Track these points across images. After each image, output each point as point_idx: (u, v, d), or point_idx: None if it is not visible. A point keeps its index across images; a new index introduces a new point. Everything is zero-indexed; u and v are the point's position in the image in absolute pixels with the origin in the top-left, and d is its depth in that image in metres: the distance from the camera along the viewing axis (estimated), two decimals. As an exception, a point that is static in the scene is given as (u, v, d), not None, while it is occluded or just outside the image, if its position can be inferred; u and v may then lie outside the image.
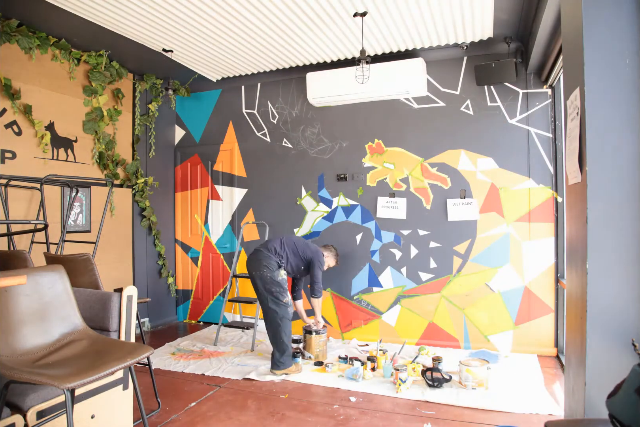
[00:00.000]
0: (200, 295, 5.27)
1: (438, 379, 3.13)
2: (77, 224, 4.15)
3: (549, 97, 3.90)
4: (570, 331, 2.08)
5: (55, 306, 2.04)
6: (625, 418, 1.01)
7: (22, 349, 1.84)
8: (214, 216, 5.22)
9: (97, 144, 4.33)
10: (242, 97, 5.08)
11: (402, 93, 4.21)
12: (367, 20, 3.49)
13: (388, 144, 4.41)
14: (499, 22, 3.58)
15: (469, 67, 4.13)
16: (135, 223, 4.80)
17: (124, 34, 3.76)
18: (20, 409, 1.83)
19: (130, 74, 4.72)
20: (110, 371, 1.71)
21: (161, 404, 2.89)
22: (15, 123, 3.61)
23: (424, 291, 4.26)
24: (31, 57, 3.69)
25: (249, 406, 2.93)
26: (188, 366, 3.68)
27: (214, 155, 5.21)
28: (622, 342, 1.66)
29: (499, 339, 4.00)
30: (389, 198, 4.38)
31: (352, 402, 2.97)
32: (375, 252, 4.44)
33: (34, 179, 3.47)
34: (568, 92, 2.05)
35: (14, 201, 3.56)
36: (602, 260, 1.72)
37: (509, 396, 2.96)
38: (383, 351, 3.68)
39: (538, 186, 3.92)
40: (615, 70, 1.71)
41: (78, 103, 4.16)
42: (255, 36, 3.82)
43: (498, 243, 4.02)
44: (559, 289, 3.82)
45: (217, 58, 4.38)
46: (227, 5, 3.22)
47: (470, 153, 4.12)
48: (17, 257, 2.66)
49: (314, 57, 4.38)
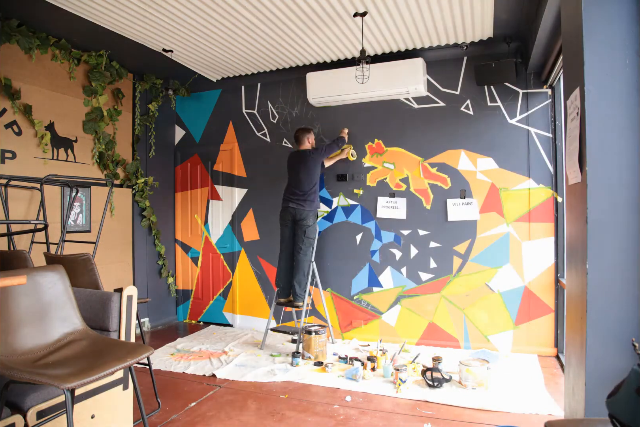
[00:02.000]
0: (200, 295, 5.27)
1: (438, 379, 3.13)
2: (77, 224, 4.15)
3: (549, 97, 3.90)
4: (570, 331, 2.08)
5: (55, 306, 2.04)
6: (625, 418, 1.01)
7: (22, 349, 1.84)
8: (214, 216, 5.22)
9: (97, 144, 4.33)
10: (242, 97, 5.08)
11: (402, 93, 4.21)
12: (367, 20, 3.49)
13: (388, 144, 4.41)
14: (499, 22, 3.58)
15: (469, 67, 4.13)
16: (135, 223, 4.81)
17: (124, 34, 3.76)
18: (20, 409, 1.83)
19: (130, 74, 4.72)
20: (110, 371, 1.71)
21: (161, 404, 2.89)
22: (15, 123, 3.61)
23: (424, 291, 4.26)
24: (31, 57, 3.69)
25: (249, 406, 2.93)
26: (188, 366, 3.68)
27: (214, 155, 5.21)
28: (622, 342, 1.66)
29: (499, 339, 4.00)
30: (389, 198, 4.38)
31: (352, 402, 2.97)
32: (375, 252, 4.44)
33: (34, 179, 3.47)
34: (568, 92, 2.05)
35: (14, 201, 3.56)
36: (602, 260, 1.72)
37: (509, 396, 2.96)
38: (383, 351, 3.69)
39: (538, 186, 3.92)
40: (615, 70, 1.71)
41: (78, 103, 4.16)
42: (255, 36, 3.82)
43: (498, 243, 4.02)
44: (559, 289, 3.82)
45: (217, 58, 4.38)
46: (227, 5, 3.22)
47: (470, 153, 4.12)
48: (17, 257, 2.66)
49: (314, 57, 4.38)
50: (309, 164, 4.15)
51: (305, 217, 4.13)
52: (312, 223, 4.18)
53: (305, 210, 4.13)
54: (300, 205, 4.14)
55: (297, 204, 4.15)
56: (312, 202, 4.19)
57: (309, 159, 4.15)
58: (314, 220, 4.22)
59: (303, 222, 4.13)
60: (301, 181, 4.16)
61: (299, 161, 4.21)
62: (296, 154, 4.28)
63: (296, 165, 4.22)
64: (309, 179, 4.16)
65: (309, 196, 4.16)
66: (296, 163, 4.22)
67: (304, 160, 4.17)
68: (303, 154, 4.21)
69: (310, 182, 4.17)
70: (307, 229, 4.15)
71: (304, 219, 4.13)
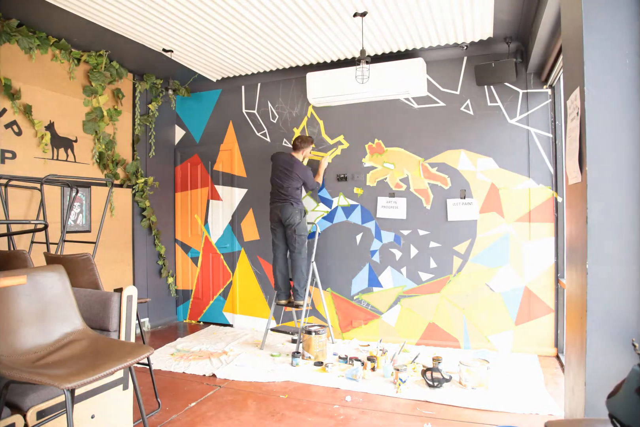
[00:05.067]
0: (200, 295, 5.27)
1: (438, 379, 3.13)
2: (77, 224, 4.15)
3: (549, 97, 3.90)
4: (570, 331, 2.08)
5: (55, 306, 2.04)
6: (625, 418, 1.01)
7: (22, 349, 1.84)
8: (214, 216, 5.22)
9: (97, 144, 4.33)
10: (242, 97, 5.08)
11: (402, 93, 4.21)
12: (367, 20, 3.49)
13: (388, 144, 4.41)
14: (499, 22, 3.58)
15: (469, 67, 4.13)
16: (135, 223, 4.81)
17: (124, 34, 3.76)
18: (20, 409, 1.83)
19: (130, 74, 4.72)
20: (110, 371, 1.71)
21: (161, 404, 2.89)
22: (15, 123, 3.61)
23: (424, 291, 4.26)
24: (31, 57, 3.69)
25: (249, 406, 2.93)
26: (188, 366, 3.68)
27: (214, 155, 5.21)
28: (622, 342, 1.66)
29: (499, 339, 4.00)
30: (389, 198, 4.38)
31: (352, 402, 2.97)
32: (375, 252, 4.44)
33: (34, 179, 3.47)
34: (568, 92, 2.05)
35: (14, 201, 3.56)
36: (602, 260, 1.72)
37: (509, 396, 2.96)
38: (383, 351, 3.69)
39: (538, 186, 3.92)
40: (615, 70, 1.71)
41: (78, 103, 4.16)
42: (255, 36, 3.82)
43: (498, 243, 4.02)
44: (559, 289, 3.82)
45: (217, 58, 4.38)
46: (227, 5, 3.22)
47: (470, 153, 4.12)
48: (17, 257, 2.66)
49: (314, 57, 4.38)
50: (294, 176, 4.22)
51: (290, 214, 4.15)
52: (300, 220, 4.20)
53: (290, 207, 4.17)
54: (285, 204, 4.19)
55: (281, 203, 4.20)
56: (297, 202, 4.23)
57: (299, 172, 4.23)
58: (301, 217, 4.23)
59: (290, 221, 4.16)
60: (285, 181, 4.22)
61: (288, 164, 4.25)
62: (288, 157, 4.30)
63: (284, 166, 4.26)
64: (294, 183, 4.22)
65: (293, 198, 4.21)
66: (285, 165, 4.26)
67: (293, 169, 4.23)
68: (295, 162, 4.26)
69: (295, 184, 4.23)
70: (297, 227, 4.17)
71: (289, 217, 4.15)
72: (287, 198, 4.20)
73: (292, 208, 4.17)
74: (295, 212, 4.17)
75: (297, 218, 4.17)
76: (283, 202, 4.20)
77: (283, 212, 4.16)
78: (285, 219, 4.16)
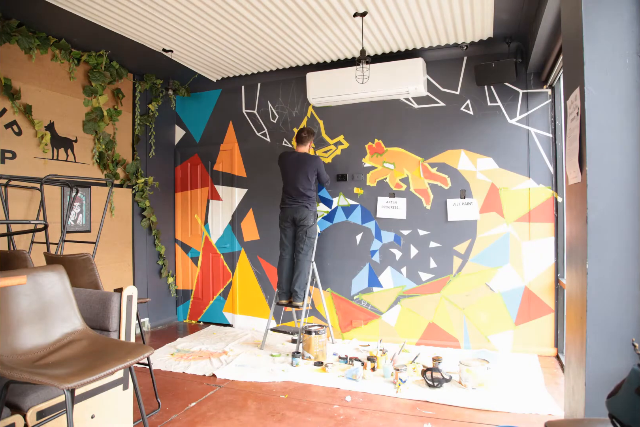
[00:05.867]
0: (200, 295, 5.27)
1: (438, 379, 3.13)
2: (77, 224, 4.15)
3: (549, 97, 3.90)
4: (570, 331, 2.08)
5: (55, 306, 2.04)
6: (625, 418, 1.01)
7: (22, 349, 1.84)
8: (214, 216, 5.22)
9: (97, 144, 4.33)
10: (242, 97, 5.08)
11: (402, 93, 4.21)
12: (367, 20, 3.49)
13: (388, 144, 4.41)
14: (499, 22, 3.58)
15: (469, 67, 4.13)
16: (135, 223, 4.80)
17: (124, 34, 3.76)
18: (20, 409, 1.83)
19: (130, 74, 4.72)
20: (110, 371, 1.71)
21: (161, 404, 2.89)
22: (15, 123, 3.61)
23: (424, 291, 4.26)
24: (31, 57, 3.69)
25: (249, 406, 2.93)
26: (188, 366, 3.68)
27: (214, 155, 5.21)
28: (622, 342, 1.66)
29: (499, 339, 4.00)
30: (389, 198, 4.38)
31: (352, 402, 2.97)
32: (375, 252, 4.44)
33: (34, 179, 3.47)
34: (568, 92, 2.06)
35: (14, 201, 3.56)
36: (602, 260, 1.72)
37: (509, 396, 2.96)
38: (383, 351, 3.68)
39: (538, 186, 3.92)
40: (615, 70, 1.71)
41: (78, 103, 4.16)
42: (255, 36, 3.82)
43: (498, 243, 4.02)
44: (559, 289, 3.82)
45: (217, 58, 4.38)
46: (227, 5, 3.22)
47: (470, 153, 4.12)
48: (17, 257, 2.66)
49: (314, 57, 4.38)
50: (308, 169, 4.14)
51: (305, 217, 4.13)
52: (313, 223, 4.19)
53: (305, 210, 4.14)
54: (300, 205, 4.16)
55: (297, 204, 4.16)
56: (312, 203, 4.19)
57: (312, 162, 4.16)
58: (315, 220, 4.22)
59: (304, 222, 4.14)
60: (300, 182, 4.15)
61: (299, 162, 4.18)
62: (295, 156, 4.24)
63: (295, 164, 4.19)
64: (308, 181, 4.16)
65: (308, 198, 4.17)
66: (296, 163, 4.19)
67: (304, 163, 4.16)
68: (304, 156, 4.21)
69: (309, 183, 4.17)
70: (309, 230, 4.16)
71: (304, 219, 4.14)
72: (302, 201, 4.17)
73: (307, 211, 4.15)
74: (310, 214, 4.17)
75: (311, 220, 4.17)
76: (298, 205, 4.17)
77: (298, 213, 4.15)
78: (300, 219, 4.15)
